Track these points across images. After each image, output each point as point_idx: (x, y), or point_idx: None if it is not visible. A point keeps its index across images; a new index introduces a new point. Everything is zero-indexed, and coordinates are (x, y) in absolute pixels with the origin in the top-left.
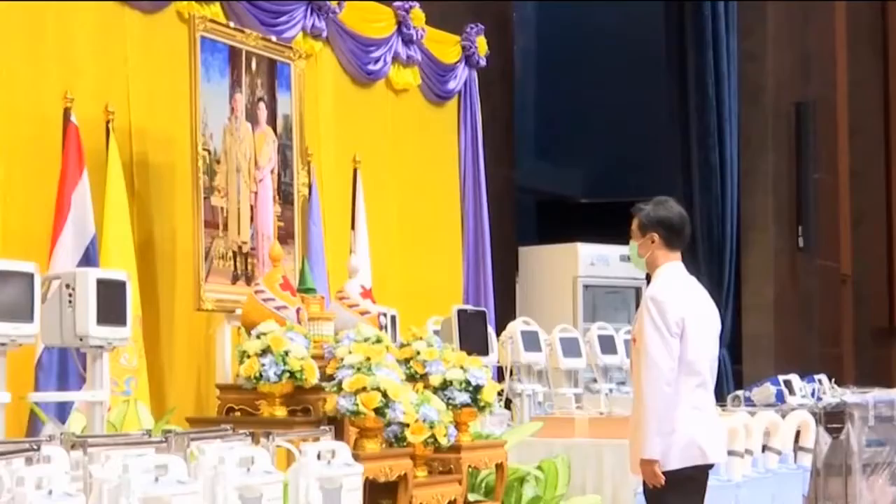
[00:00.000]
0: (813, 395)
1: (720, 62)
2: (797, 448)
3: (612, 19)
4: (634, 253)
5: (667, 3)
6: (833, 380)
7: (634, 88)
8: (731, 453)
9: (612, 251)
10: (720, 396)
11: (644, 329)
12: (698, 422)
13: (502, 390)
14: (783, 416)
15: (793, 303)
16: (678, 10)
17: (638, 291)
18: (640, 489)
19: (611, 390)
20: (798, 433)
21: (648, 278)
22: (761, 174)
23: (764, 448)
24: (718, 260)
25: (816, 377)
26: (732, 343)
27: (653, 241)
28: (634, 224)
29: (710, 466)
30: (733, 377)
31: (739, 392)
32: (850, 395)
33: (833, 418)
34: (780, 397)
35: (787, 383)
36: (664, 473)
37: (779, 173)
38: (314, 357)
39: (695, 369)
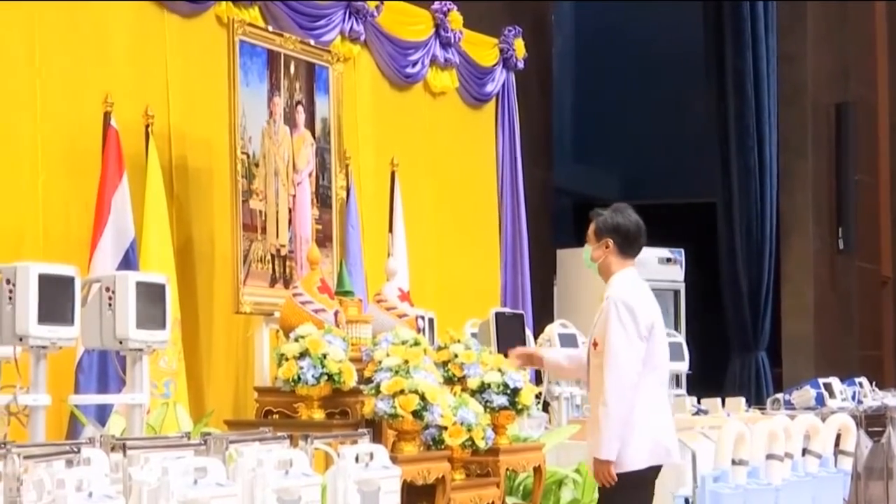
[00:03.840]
0: (853, 398)
1: (759, 63)
2: (837, 451)
3: (649, 21)
4: (587, 257)
5: (705, 3)
6: (874, 382)
7: (672, 90)
8: (770, 457)
9: (651, 253)
10: (760, 399)
11: (612, 331)
12: (663, 423)
13: (540, 393)
14: (823, 420)
15: (832, 305)
16: (716, 10)
17: (676, 294)
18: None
19: None
20: (838, 436)
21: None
22: (800, 176)
23: (804, 452)
24: (758, 262)
25: (857, 380)
26: (772, 346)
27: (607, 247)
28: (591, 229)
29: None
30: (773, 380)
31: (779, 395)
32: (891, 398)
33: (874, 421)
34: (820, 400)
35: (828, 386)
36: (629, 473)
37: (818, 175)
38: (352, 360)
39: (661, 371)
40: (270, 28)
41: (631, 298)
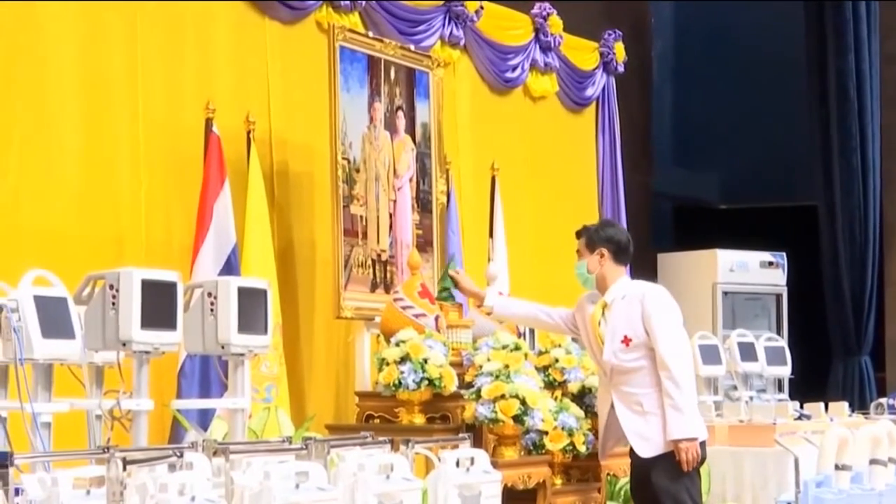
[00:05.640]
0: None
1: (861, 65)
2: None
3: (750, 22)
4: (583, 270)
5: (806, 4)
6: None
7: (773, 92)
8: (874, 462)
9: (752, 257)
10: (863, 404)
11: (663, 322)
12: None
13: None
14: None
15: None
16: (818, 11)
17: (778, 298)
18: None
19: (751, 398)
20: None
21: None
22: None
23: None
24: (860, 265)
25: None
26: (875, 350)
27: (602, 256)
28: (581, 243)
29: None
30: (876, 385)
31: (882, 400)
32: None
33: None
34: None
35: None
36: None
37: None
38: (452, 364)
39: None
40: (370, 34)
41: (664, 292)
